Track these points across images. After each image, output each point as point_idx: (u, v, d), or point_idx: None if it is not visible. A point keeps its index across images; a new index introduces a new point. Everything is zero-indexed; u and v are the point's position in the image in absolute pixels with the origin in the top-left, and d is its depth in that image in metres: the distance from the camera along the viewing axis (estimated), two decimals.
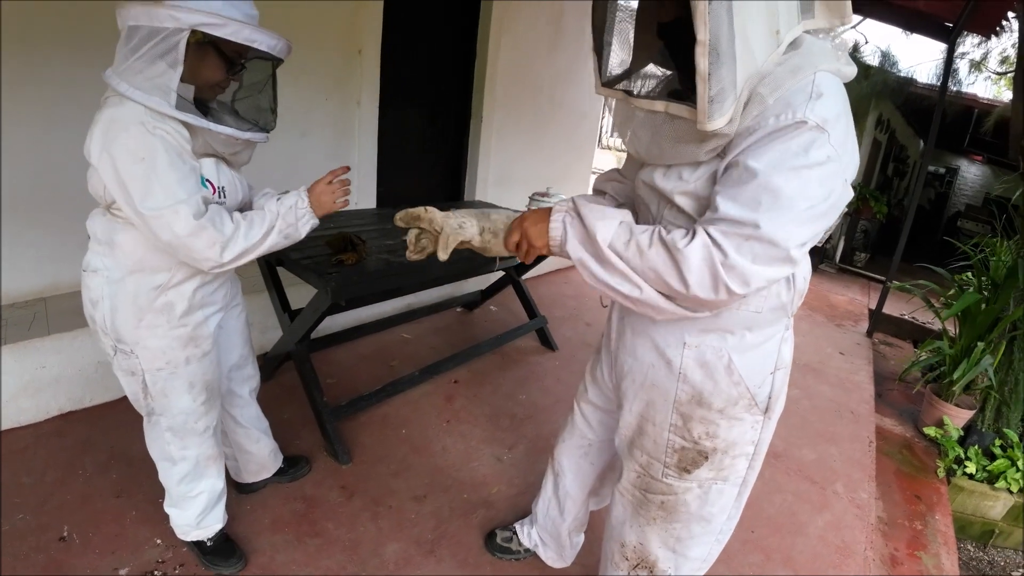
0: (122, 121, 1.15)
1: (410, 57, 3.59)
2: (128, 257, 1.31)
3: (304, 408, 2.37)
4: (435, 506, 2.04)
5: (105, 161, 1.16)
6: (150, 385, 1.41)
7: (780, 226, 0.88)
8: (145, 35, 1.14)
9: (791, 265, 0.93)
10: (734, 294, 0.92)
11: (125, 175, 1.16)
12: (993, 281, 3.61)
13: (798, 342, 4.29)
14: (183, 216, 1.18)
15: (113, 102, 1.19)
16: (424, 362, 2.85)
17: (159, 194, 1.17)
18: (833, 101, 0.89)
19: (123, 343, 1.36)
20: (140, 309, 1.34)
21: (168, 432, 1.49)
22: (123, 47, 1.17)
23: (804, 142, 0.87)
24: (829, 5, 0.93)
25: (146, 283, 1.33)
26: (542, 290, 4.46)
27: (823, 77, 0.90)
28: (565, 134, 5.09)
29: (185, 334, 1.41)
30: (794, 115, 0.87)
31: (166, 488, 1.59)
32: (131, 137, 1.15)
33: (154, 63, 1.15)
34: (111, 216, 1.30)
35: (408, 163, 3.88)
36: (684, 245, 0.92)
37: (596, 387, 1.48)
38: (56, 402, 2.22)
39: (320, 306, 1.93)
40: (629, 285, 1.00)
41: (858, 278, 7.29)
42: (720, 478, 1.21)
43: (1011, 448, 3.41)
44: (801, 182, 0.87)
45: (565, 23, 4.61)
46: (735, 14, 0.82)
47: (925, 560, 2.48)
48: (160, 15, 1.12)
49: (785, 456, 2.72)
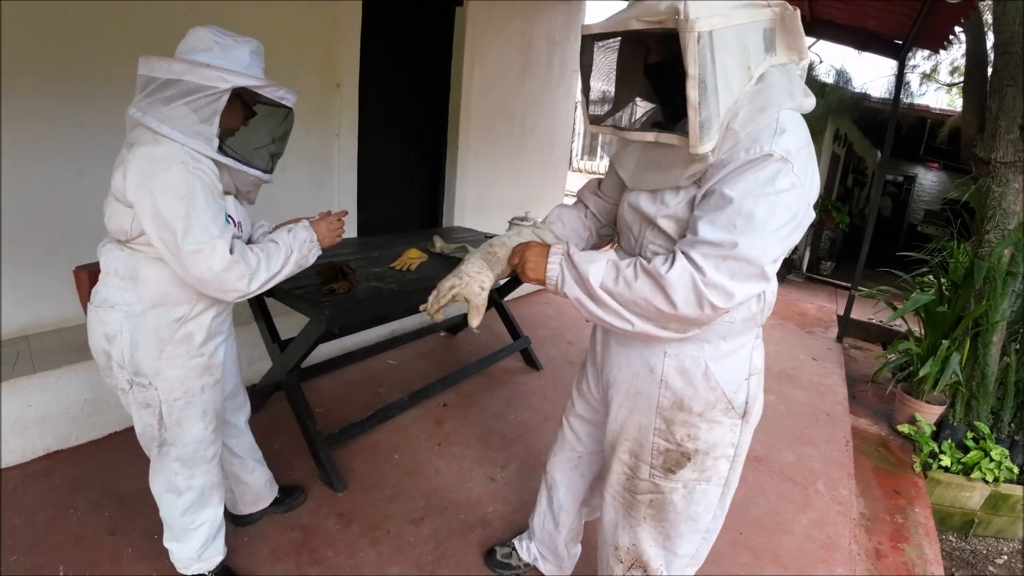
0: (163, 160, 1.23)
1: (387, 89, 3.69)
2: (152, 291, 1.36)
3: (295, 438, 2.39)
4: (433, 528, 2.06)
5: (145, 197, 1.22)
6: (166, 416, 1.45)
7: (754, 245, 0.98)
8: (188, 89, 1.24)
9: (765, 281, 1.03)
10: (718, 309, 1.02)
11: (167, 211, 1.22)
12: (953, 282, 3.80)
13: (772, 350, 4.44)
14: (220, 252, 1.26)
15: (146, 140, 1.26)
16: (412, 387, 2.89)
17: (198, 231, 1.24)
18: (794, 136, 1.01)
19: (141, 376, 1.39)
20: (161, 341, 1.39)
21: (176, 463, 1.52)
22: (155, 94, 1.26)
23: (771, 172, 0.99)
24: (788, 43, 1.07)
25: (167, 316, 1.39)
26: (524, 311, 4.53)
27: (785, 114, 1.03)
28: (538, 159, 5.23)
29: (202, 363, 1.47)
30: (762, 149, 0.99)
31: (167, 522, 1.60)
32: (172, 175, 1.22)
33: (196, 112, 1.26)
34: (131, 250, 1.34)
35: (388, 191, 3.95)
36: (666, 271, 1.02)
37: (583, 400, 1.55)
38: (43, 441, 2.21)
39: (313, 334, 1.97)
40: (621, 320, 1.11)
41: (825, 286, 7.54)
42: (703, 479, 1.29)
43: (983, 440, 3.55)
44: (770, 207, 0.98)
45: (534, 53, 4.79)
46: (716, 52, 0.95)
47: (908, 552, 2.58)
48: (210, 75, 1.24)
49: (767, 459, 2.81)
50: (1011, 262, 3.70)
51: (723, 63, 0.97)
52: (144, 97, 1.28)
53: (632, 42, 1.10)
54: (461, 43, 4.02)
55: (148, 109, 1.27)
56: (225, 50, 1.30)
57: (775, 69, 1.07)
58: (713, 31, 0.94)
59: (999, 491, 3.49)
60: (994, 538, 3.69)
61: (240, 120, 1.40)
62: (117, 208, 1.30)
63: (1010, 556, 3.61)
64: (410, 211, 4.25)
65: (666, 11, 0.96)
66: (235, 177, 1.41)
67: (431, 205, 4.37)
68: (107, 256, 1.38)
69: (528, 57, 4.74)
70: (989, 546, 3.65)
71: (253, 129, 1.44)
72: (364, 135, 3.47)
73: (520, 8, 4.51)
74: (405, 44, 3.78)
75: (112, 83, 2.37)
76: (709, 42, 0.94)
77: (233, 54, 1.30)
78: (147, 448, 1.54)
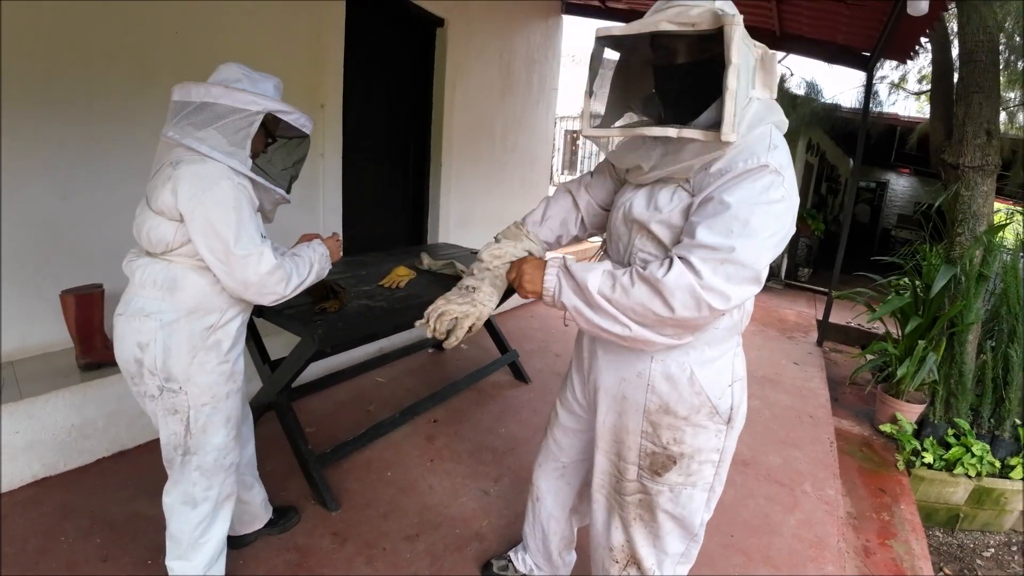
0: (211, 176, 1.35)
1: (371, 109, 3.74)
2: (189, 299, 1.45)
3: (286, 459, 2.39)
4: (428, 544, 2.07)
5: (198, 210, 1.34)
6: (192, 422, 1.51)
7: (750, 250, 1.05)
8: (223, 112, 1.38)
9: (758, 284, 1.09)
10: (715, 310, 1.07)
11: (219, 222, 1.34)
12: (926, 284, 3.91)
13: (754, 356, 4.52)
14: (267, 257, 1.41)
15: (192, 159, 1.37)
16: (401, 404, 2.90)
17: (246, 239, 1.38)
18: (784, 152, 1.11)
19: (172, 381, 1.46)
20: (193, 348, 1.47)
21: (196, 471, 1.56)
22: (192, 117, 1.38)
23: (767, 183, 1.07)
24: (765, 80, 1.16)
25: (200, 324, 1.47)
26: (510, 325, 4.57)
27: (775, 131, 1.12)
28: (520, 175, 5.31)
29: (228, 369, 1.55)
30: (758, 160, 1.07)
31: (176, 538, 1.60)
32: (222, 190, 1.36)
33: (228, 135, 1.39)
34: (167, 262, 1.43)
35: (373, 210, 3.99)
36: (663, 275, 1.07)
37: (566, 411, 1.59)
38: (30, 468, 2.18)
39: (305, 354, 1.99)
40: (619, 326, 1.14)
41: (804, 292, 7.69)
42: (689, 483, 1.33)
43: (964, 436, 3.63)
44: (764, 215, 1.06)
45: (514, 72, 4.89)
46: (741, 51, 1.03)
47: (896, 547, 2.63)
48: (244, 99, 1.39)
49: (754, 463, 2.86)
50: (983, 263, 3.83)
51: (744, 63, 1.04)
52: (181, 120, 1.39)
53: (655, 45, 1.16)
54: (443, 63, 4.10)
55: (189, 132, 1.38)
56: (253, 82, 1.45)
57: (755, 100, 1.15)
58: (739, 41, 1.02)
59: (982, 485, 3.58)
60: (980, 532, 3.77)
61: (262, 145, 1.54)
62: (159, 221, 1.39)
63: (997, 549, 3.68)
64: (395, 229, 4.28)
65: (699, 15, 1.04)
66: (262, 195, 1.53)
67: (416, 222, 4.41)
68: (142, 269, 1.44)
69: (508, 76, 4.83)
70: (976, 539, 3.72)
71: (274, 154, 1.59)
72: (348, 154, 3.51)
73: (499, 28, 4.61)
74: (388, 64, 3.85)
75: (95, 107, 2.39)
76: (743, 39, 1.04)
77: (260, 85, 1.46)
78: (169, 461, 1.57)
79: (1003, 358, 3.77)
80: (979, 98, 3.84)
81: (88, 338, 2.31)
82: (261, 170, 1.52)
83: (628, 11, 5.35)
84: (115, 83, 2.43)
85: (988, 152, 3.87)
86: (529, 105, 5.20)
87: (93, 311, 2.30)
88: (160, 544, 1.66)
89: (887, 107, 7.86)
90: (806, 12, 4.32)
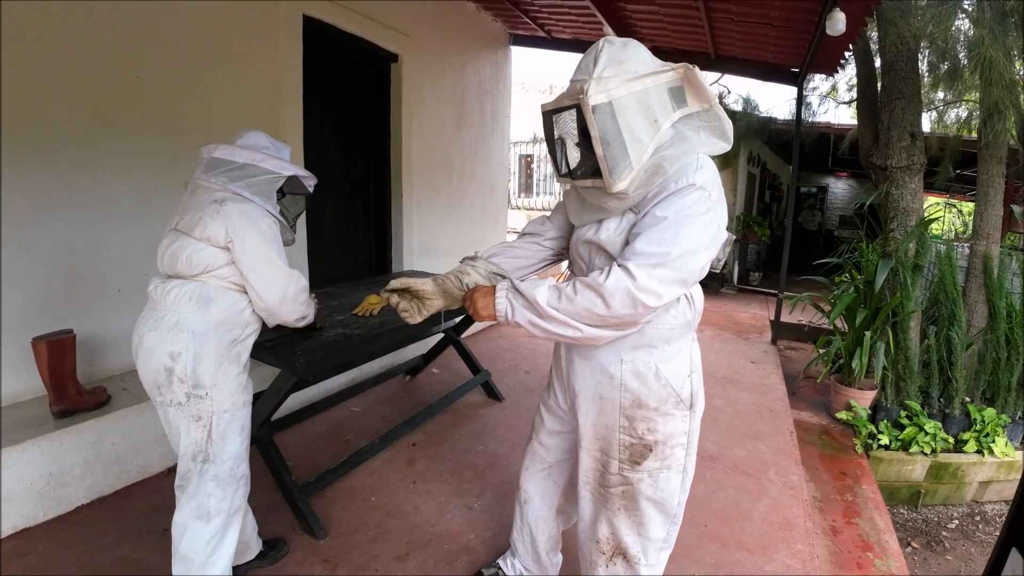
0: (252, 213, 1.68)
1: (330, 145, 3.84)
2: (219, 314, 1.66)
3: (268, 494, 2.40)
4: (419, 561, 2.12)
5: (248, 237, 1.64)
6: (214, 428, 1.66)
7: (680, 256, 1.22)
8: (261, 172, 1.73)
9: (686, 286, 1.27)
10: (649, 307, 1.24)
11: (267, 247, 1.67)
12: (866, 279, 4.18)
13: (713, 358, 4.72)
14: (299, 277, 1.77)
15: (235, 200, 1.67)
16: (379, 431, 2.94)
17: (284, 262, 1.72)
18: (710, 172, 1.28)
19: (200, 387, 1.63)
20: (220, 357, 1.66)
21: (212, 482, 1.68)
22: (235, 172, 1.71)
23: (695, 198, 1.24)
24: (695, 95, 1.33)
25: (226, 337, 1.69)
26: (480, 347, 4.65)
27: (703, 157, 1.29)
28: (479, 202, 5.46)
29: (245, 380, 1.76)
30: (687, 180, 1.24)
31: (189, 557, 1.64)
32: (265, 224, 1.69)
33: (266, 187, 1.74)
34: (201, 282, 1.66)
35: (337, 243, 4.05)
36: (604, 281, 1.24)
37: (550, 414, 1.70)
38: (9, 520, 2.14)
39: (285, 384, 2.04)
40: (571, 329, 1.30)
41: (756, 295, 8.04)
42: (665, 467, 1.47)
43: (916, 416, 3.88)
44: (692, 226, 1.23)
45: (468, 103, 5.07)
46: (618, 115, 1.24)
47: (862, 524, 2.80)
48: (279, 165, 1.77)
49: (720, 457, 3.00)
50: (917, 255, 4.12)
51: (627, 122, 1.24)
52: (220, 173, 1.70)
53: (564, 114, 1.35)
54: (399, 97, 4.23)
55: (232, 181, 1.69)
56: (278, 149, 1.84)
57: (696, 119, 1.33)
58: (613, 100, 1.23)
59: (939, 461, 3.81)
60: (943, 505, 3.99)
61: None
62: (201, 247, 1.64)
63: (961, 520, 3.90)
64: (360, 261, 4.34)
65: (568, 92, 1.28)
66: (282, 233, 1.82)
67: (379, 253, 4.48)
68: (176, 289, 1.65)
69: (462, 108, 5.00)
70: (940, 513, 3.93)
71: (293, 204, 1.91)
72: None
73: (451, 61, 4.78)
74: (346, 101, 3.96)
75: (56, 154, 2.41)
76: (610, 110, 1.23)
77: (283, 152, 1.85)
78: (185, 473, 1.68)
79: (946, 341, 4.06)
80: (901, 104, 4.19)
81: (61, 384, 2.30)
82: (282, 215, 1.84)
83: (572, 40, 5.61)
84: (75, 127, 2.45)
85: (913, 153, 4.20)
86: (484, 134, 5.38)
87: (65, 357, 2.29)
88: None
89: (820, 116, 8.35)
90: (737, 35, 4.62)
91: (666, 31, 4.90)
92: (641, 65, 1.29)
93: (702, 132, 1.33)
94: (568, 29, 5.40)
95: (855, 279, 4.32)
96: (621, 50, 1.30)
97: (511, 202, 10.94)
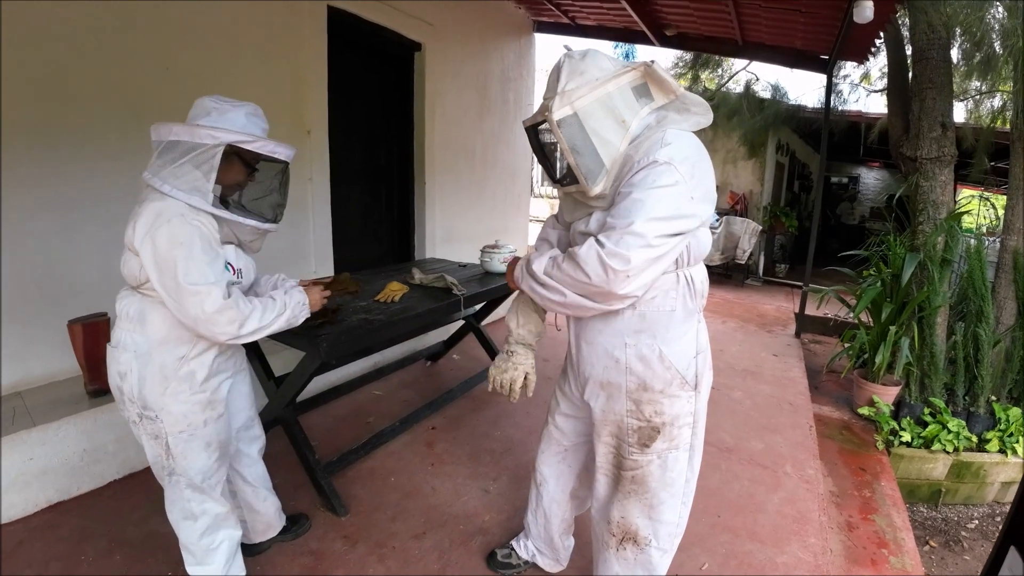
0: (165, 213, 1.39)
1: (354, 133, 3.89)
2: (157, 332, 1.50)
3: (293, 473, 2.49)
4: (435, 540, 2.18)
5: (148, 245, 1.38)
6: (172, 447, 1.56)
7: (643, 223, 1.26)
8: (186, 148, 1.42)
9: (655, 249, 1.29)
10: (618, 272, 1.28)
11: (167, 258, 1.38)
12: (893, 272, 4.10)
13: (735, 350, 4.68)
14: (214, 296, 1.41)
15: (154, 197, 1.43)
16: (400, 414, 3.01)
17: (195, 275, 1.39)
18: (678, 147, 1.31)
19: (149, 410, 1.52)
20: (166, 379, 1.52)
21: (188, 489, 1.63)
22: (163, 156, 1.44)
23: (657, 172, 1.28)
24: (659, 88, 1.40)
25: (171, 355, 1.52)
26: (500, 334, 4.64)
27: (671, 133, 1.33)
28: (501, 190, 5.47)
29: (204, 399, 1.59)
30: (648, 158, 1.29)
31: (188, 548, 1.69)
32: (173, 227, 1.39)
33: (193, 170, 1.43)
34: (141, 295, 1.50)
35: (361, 230, 4.12)
36: (579, 251, 1.32)
37: (566, 399, 1.75)
38: (44, 494, 2.25)
39: (310, 367, 2.11)
40: (558, 294, 1.40)
41: (782, 287, 7.92)
42: (673, 447, 1.51)
43: (940, 414, 3.80)
44: (656, 197, 1.27)
45: (490, 91, 5.07)
46: (584, 123, 1.34)
47: (878, 521, 2.78)
48: (201, 134, 1.42)
49: (736, 449, 3.01)
50: (945, 249, 4.03)
51: (593, 128, 1.34)
52: (155, 159, 1.46)
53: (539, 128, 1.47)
54: (421, 86, 4.26)
55: (157, 171, 1.44)
56: (221, 114, 1.49)
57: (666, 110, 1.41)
58: (577, 111, 1.33)
59: (961, 459, 3.73)
60: (963, 505, 3.92)
61: (243, 175, 1.58)
62: (129, 257, 1.47)
63: (981, 520, 3.82)
64: (383, 248, 4.41)
65: (543, 110, 1.38)
66: (233, 228, 1.56)
67: (403, 240, 4.54)
68: (121, 301, 1.53)
69: (485, 96, 5.01)
70: (960, 513, 3.87)
71: (257, 183, 1.62)
72: (336, 179, 3.64)
73: (473, 50, 4.79)
74: (370, 90, 4.00)
75: (95, 142, 2.50)
76: (575, 120, 1.33)
77: (229, 116, 1.49)
78: (159, 477, 1.66)
79: (973, 337, 3.97)
80: (932, 93, 4.07)
81: (95, 365, 2.40)
82: (236, 204, 1.57)
83: (597, 27, 5.56)
84: (108, 120, 2.54)
85: (944, 144, 4.09)
86: (507, 122, 5.38)
87: (99, 339, 2.39)
88: (177, 557, 1.77)
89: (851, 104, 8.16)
90: (764, 20, 4.54)
91: (691, 16, 4.82)
92: (600, 72, 1.36)
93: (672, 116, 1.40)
94: (592, 16, 5.35)
95: (882, 272, 4.24)
96: (580, 62, 1.37)
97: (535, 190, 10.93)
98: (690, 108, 1.42)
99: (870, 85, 8.88)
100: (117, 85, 2.54)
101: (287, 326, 1.63)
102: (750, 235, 7.44)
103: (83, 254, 2.53)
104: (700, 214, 1.33)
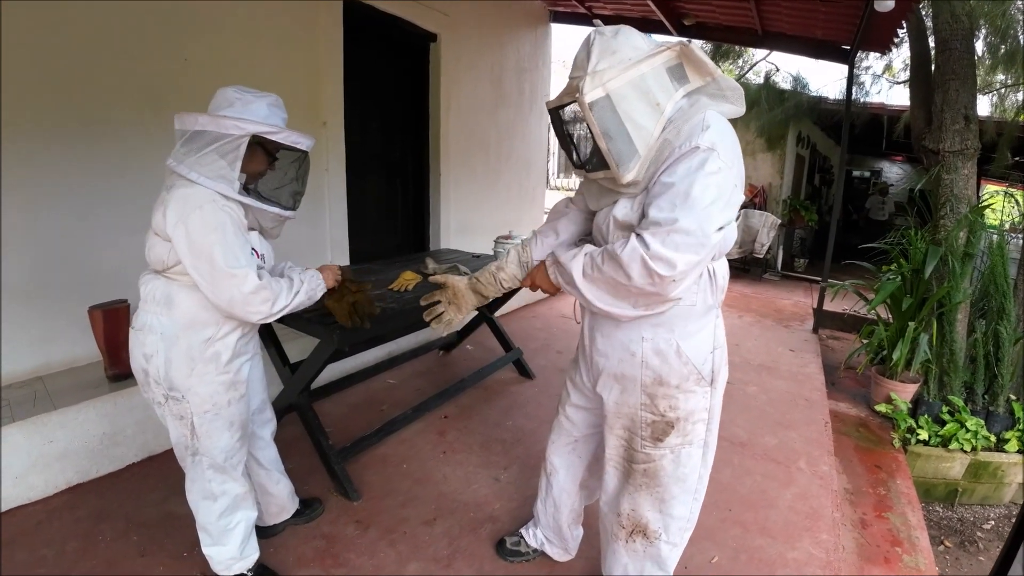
0: (195, 200, 1.43)
1: (370, 125, 3.91)
2: (184, 315, 1.54)
3: (307, 458, 2.52)
4: (445, 527, 2.21)
5: (181, 231, 1.42)
6: (197, 427, 1.61)
7: (693, 218, 1.19)
8: (212, 138, 1.45)
9: (705, 248, 1.22)
10: (664, 278, 1.22)
11: (202, 243, 1.43)
12: (913, 268, 4.03)
13: (751, 345, 4.64)
14: (250, 277, 1.47)
15: (181, 184, 1.46)
16: (412, 403, 3.03)
17: (231, 259, 1.45)
18: (718, 132, 1.24)
19: (175, 391, 1.56)
20: (192, 360, 1.56)
21: (210, 470, 1.67)
22: (187, 144, 1.47)
23: (701, 159, 1.21)
24: (696, 69, 1.31)
25: (197, 337, 1.56)
26: (513, 325, 4.70)
27: (710, 115, 1.26)
28: (516, 182, 5.47)
29: (228, 379, 1.64)
30: (691, 143, 1.22)
31: (206, 528, 1.73)
32: (205, 213, 1.43)
33: (219, 159, 1.46)
34: (167, 279, 1.54)
35: (376, 220, 4.14)
36: (620, 251, 1.26)
37: (577, 391, 1.74)
38: (64, 476, 2.31)
39: (324, 354, 2.13)
40: (598, 298, 1.36)
41: (801, 282, 7.82)
42: (686, 442, 1.49)
43: (958, 412, 3.73)
44: (702, 186, 1.20)
45: (506, 83, 5.06)
46: (617, 106, 1.23)
47: (893, 519, 2.75)
48: (226, 124, 1.45)
49: (750, 444, 2.99)
50: (967, 243, 3.95)
51: (627, 111, 1.24)
52: (179, 148, 1.49)
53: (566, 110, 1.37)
54: (437, 77, 4.26)
55: (182, 159, 1.47)
56: (245, 104, 1.52)
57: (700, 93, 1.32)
58: (610, 93, 1.22)
59: (978, 459, 3.67)
60: (980, 505, 3.86)
61: (265, 164, 1.62)
62: (156, 242, 1.49)
63: (997, 521, 3.77)
64: (398, 238, 4.44)
65: (567, 90, 1.29)
66: (257, 215, 1.61)
67: (417, 231, 4.56)
68: (147, 285, 1.56)
69: (500, 87, 5.00)
70: (976, 513, 3.81)
71: (277, 172, 1.66)
72: (351, 169, 3.67)
73: (489, 40, 4.77)
74: (386, 81, 4.02)
75: (114, 131, 2.55)
76: (608, 103, 1.23)
77: (252, 107, 1.52)
78: (182, 459, 1.69)
79: (993, 335, 3.88)
80: (955, 85, 3.98)
81: (115, 350, 2.45)
82: (256, 192, 1.61)
83: (614, 17, 5.51)
84: (128, 108, 2.58)
85: (967, 136, 4.00)
86: (521, 114, 5.36)
87: (119, 325, 2.44)
88: (193, 538, 1.81)
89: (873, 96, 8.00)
90: (784, 10, 4.46)
91: (710, 6, 4.76)
92: (633, 51, 1.27)
93: (704, 100, 1.31)
94: (609, 5, 5.30)
95: (902, 267, 4.17)
96: (612, 40, 1.27)
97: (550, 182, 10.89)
98: (725, 93, 1.33)
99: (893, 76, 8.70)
100: (136, 75, 2.58)
101: (309, 301, 1.71)
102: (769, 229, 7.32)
103: (103, 242, 2.57)
104: (739, 198, 1.29)
